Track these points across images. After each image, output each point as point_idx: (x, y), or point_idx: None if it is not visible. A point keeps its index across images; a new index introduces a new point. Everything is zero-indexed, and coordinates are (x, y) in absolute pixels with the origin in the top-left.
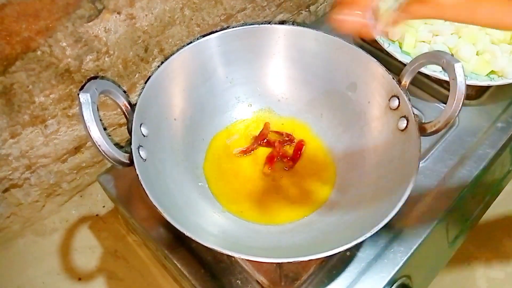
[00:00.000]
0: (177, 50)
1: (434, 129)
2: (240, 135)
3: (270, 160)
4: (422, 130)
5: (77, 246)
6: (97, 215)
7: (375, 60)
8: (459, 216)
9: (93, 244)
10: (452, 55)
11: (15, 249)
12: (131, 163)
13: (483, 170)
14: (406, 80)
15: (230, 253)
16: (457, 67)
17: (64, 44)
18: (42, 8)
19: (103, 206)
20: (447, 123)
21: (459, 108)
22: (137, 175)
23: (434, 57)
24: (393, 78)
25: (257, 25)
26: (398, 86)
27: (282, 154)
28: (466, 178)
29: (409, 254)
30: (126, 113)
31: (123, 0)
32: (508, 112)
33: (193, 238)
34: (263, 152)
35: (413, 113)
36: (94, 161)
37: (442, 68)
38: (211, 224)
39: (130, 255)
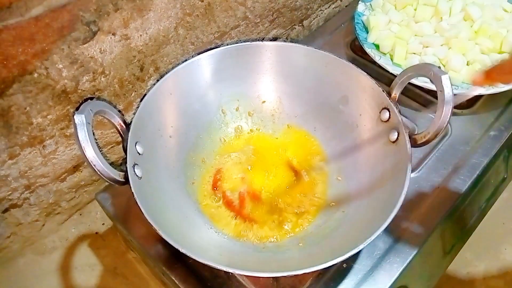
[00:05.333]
0: (172, 68)
1: (424, 140)
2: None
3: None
4: (413, 142)
5: (77, 264)
6: (96, 232)
7: (365, 73)
8: (455, 224)
9: (92, 262)
10: (439, 67)
11: (16, 268)
12: (127, 181)
13: (477, 179)
14: (396, 93)
15: (225, 269)
16: (444, 79)
17: (60, 66)
18: (38, 32)
19: (103, 224)
20: (437, 134)
21: (448, 119)
22: (132, 193)
23: (422, 69)
24: (383, 90)
25: (248, 43)
26: (388, 98)
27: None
28: (460, 187)
29: (405, 265)
30: (121, 132)
31: (118, 21)
32: (500, 120)
33: (188, 254)
34: (259, 169)
35: (404, 125)
36: (93, 179)
37: (430, 80)
38: (207, 239)
39: (129, 272)
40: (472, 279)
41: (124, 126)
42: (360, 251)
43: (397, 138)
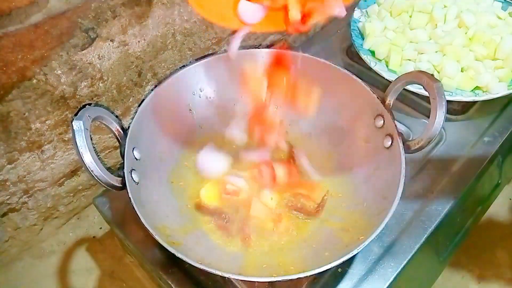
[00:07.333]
0: (169, 74)
1: (417, 146)
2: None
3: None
4: (407, 148)
5: (74, 268)
6: (94, 237)
7: (360, 80)
8: (449, 230)
9: (90, 265)
10: (432, 74)
11: (14, 272)
12: (124, 186)
13: (471, 184)
14: (390, 99)
15: (221, 274)
16: (437, 87)
17: (59, 72)
18: (37, 39)
19: (100, 228)
20: (430, 141)
21: (440, 126)
22: (130, 198)
23: (415, 77)
24: (377, 97)
25: (244, 50)
26: (382, 105)
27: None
28: (454, 192)
29: (399, 269)
30: (119, 138)
31: (116, 28)
32: (494, 126)
33: (184, 259)
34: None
35: (398, 131)
36: (91, 184)
37: (423, 87)
38: (203, 244)
39: (127, 276)
40: (467, 284)
41: (122, 132)
42: (354, 255)
43: (391, 144)
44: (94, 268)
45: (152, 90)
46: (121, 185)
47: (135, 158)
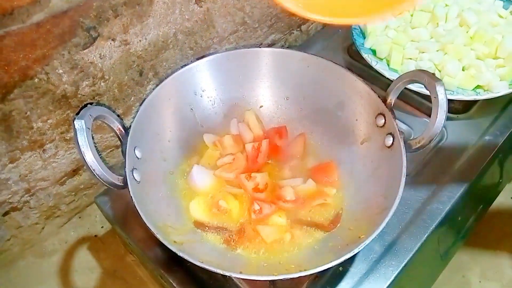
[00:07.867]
0: (171, 73)
1: (418, 145)
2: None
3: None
4: (408, 147)
5: (76, 267)
6: (95, 235)
7: (361, 79)
8: (450, 228)
9: (92, 264)
10: (433, 73)
11: (16, 271)
12: (125, 185)
13: (472, 183)
14: (391, 98)
15: (223, 272)
16: (438, 86)
17: (61, 71)
18: (39, 38)
19: (102, 227)
20: (431, 140)
21: (442, 125)
22: (131, 197)
23: (417, 76)
24: (378, 96)
25: (246, 49)
26: (383, 104)
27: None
28: (455, 191)
29: (400, 268)
30: (120, 137)
31: (117, 27)
32: (496, 125)
33: (186, 258)
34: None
35: (399, 130)
36: (92, 183)
37: (425, 86)
38: (205, 242)
39: (129, 275)
40: (468, 282)
41: (123, 131)
42: (355, 254)
43: (392, 143)
44: (96, 267)
45: (153, 89)
46: (122, 184)
47: (137, 157)
